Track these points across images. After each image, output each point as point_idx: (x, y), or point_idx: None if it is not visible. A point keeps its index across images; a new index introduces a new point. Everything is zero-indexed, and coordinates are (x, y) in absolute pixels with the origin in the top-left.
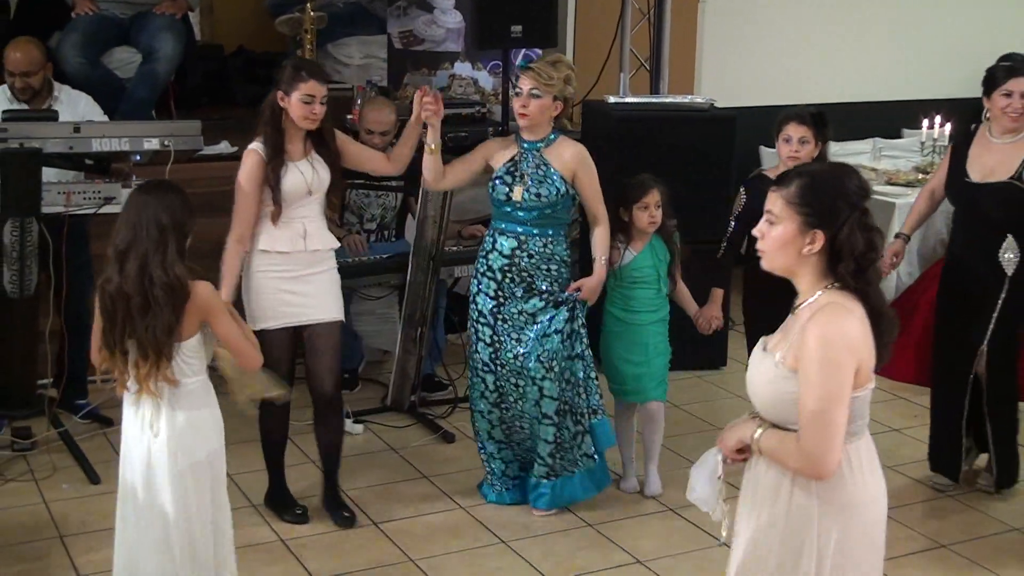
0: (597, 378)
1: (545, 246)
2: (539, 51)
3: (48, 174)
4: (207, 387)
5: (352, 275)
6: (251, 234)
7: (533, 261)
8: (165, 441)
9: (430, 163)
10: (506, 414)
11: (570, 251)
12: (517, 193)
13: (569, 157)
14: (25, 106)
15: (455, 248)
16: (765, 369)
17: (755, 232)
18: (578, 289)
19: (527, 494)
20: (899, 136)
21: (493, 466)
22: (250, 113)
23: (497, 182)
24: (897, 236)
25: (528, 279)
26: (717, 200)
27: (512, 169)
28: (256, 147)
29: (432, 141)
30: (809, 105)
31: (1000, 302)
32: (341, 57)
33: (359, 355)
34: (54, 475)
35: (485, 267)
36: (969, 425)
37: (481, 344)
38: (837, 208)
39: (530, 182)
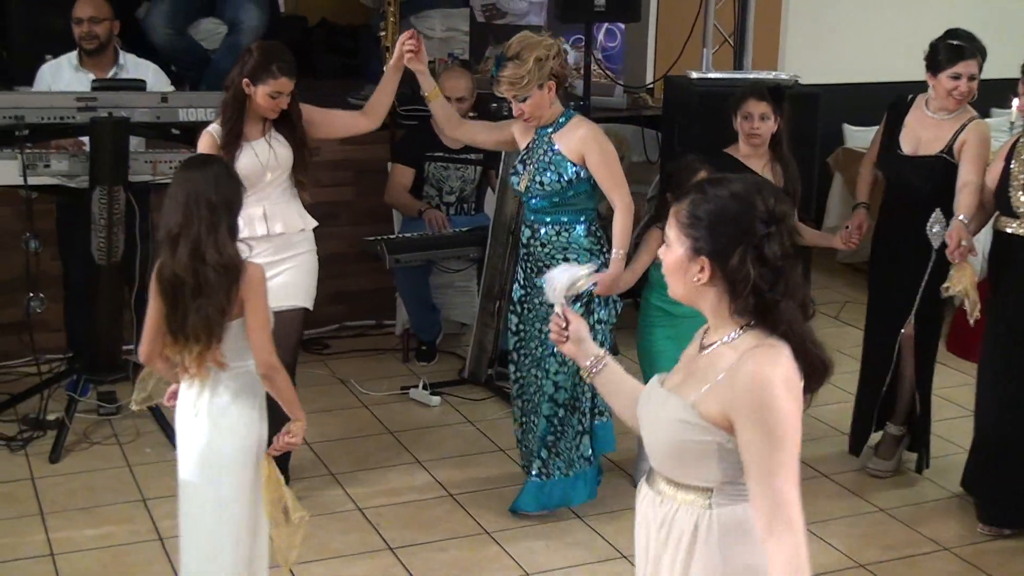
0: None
1: (559, 234)
2: (622, 26)
3: (135, 143)
4: (253, 373)
5: (431, 247)
6: None
7: (546, 250)
8: (206, 422)
9: (435, 110)
10: (527, 406)
11: (595, 238)
12: (522, 183)
13: (577, 139)
14: (89, 75)
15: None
16: (669, 413)
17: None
18: (594, 284)
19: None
20: (988, 116)
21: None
22: (332, 85)
23: (512, 172)
24: (856, 207)
25: (545, 270)
26: (801, 177)
27: (525, 157)
28: (212, 129)
29: (425, 88)
30: (894, 84)
31: (927, 274)
32: (423, 30)
33: (437, 327)
34: (138, 439)
35: (518, 256)
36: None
37: (509, 332)
38: (725, 233)
39: (536, 171)
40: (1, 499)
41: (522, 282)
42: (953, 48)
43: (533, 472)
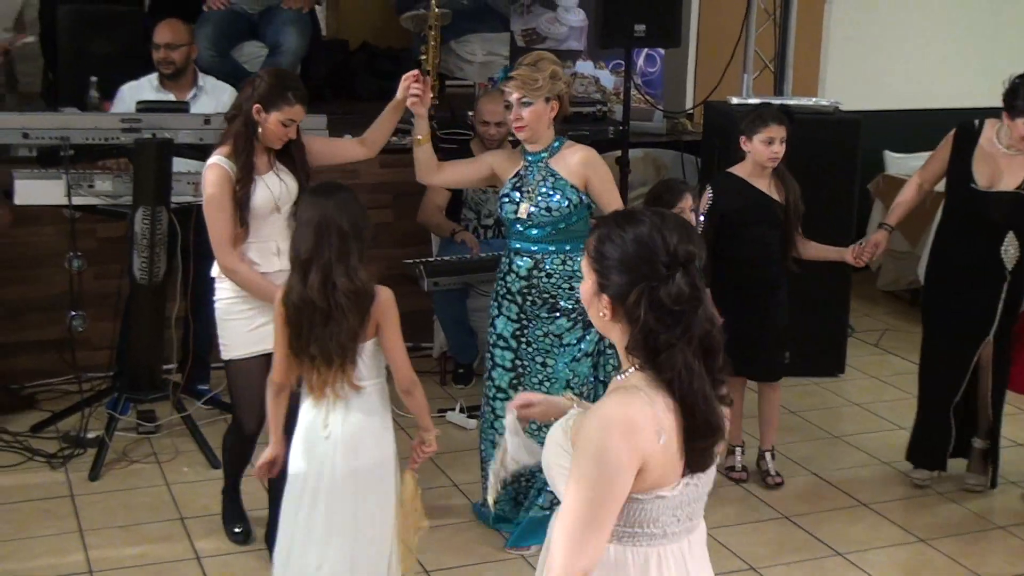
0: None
1: (564, 263)
2: (662, 51)
3: (178, 164)
4: (383, 393)
5: (469, 271)
6: (238, 252)
7: (553, 281)
8: (336, 442)
9: (419, 155)
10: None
11: None
12: (523, 210)
13: (577, 163)
14: (170, 95)
15: None
16: (553, 433)
17: None
18: None
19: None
20: None
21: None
22: (373, 107)
23: (504, 200)
24: (880, 226)
25: (551, 300)
26: (840, 204)
27: (518, 184)
28: (220, 161)
29: (419, 131)
30: (936, 110)
31: (1003, 295)
32: (464, 54)
33: (475, 350)
34: (176, 458)
35: (504, 290)
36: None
37: (499, 370)
38: (625, 274)
39: (538, 197)
40: (41, 515)
41: (515, 316)
42: None
43: (537, 508)
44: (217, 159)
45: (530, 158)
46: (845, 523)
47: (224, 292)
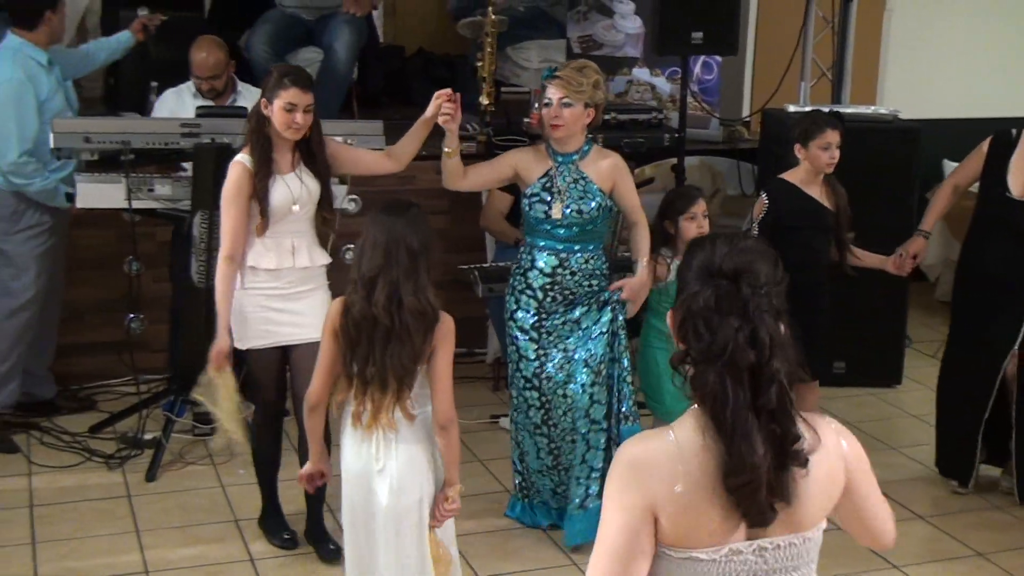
0: (632, 383)
1: (587, 262)
2: (719, 59)
3: None
4: (429, 424)
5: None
6: (242, 251)
7: (575, 278)
8: (396, 475)
9: (447, 166)
10: (554, 431)
11: (608, 264)
12: (556, 210)
13: (606, 168)
14: (208, 101)
15: (626, 254)
16: None
17: None
18: (620, 288)
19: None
20: None
21: (540, 485)
22: None
23: (534, 200)
24: (917, 232)
25: (570, 296)
26: (899, 214)
27: (548, 185)
28: (242, 159)
29: (448, 145)
30: (996, 119)
31: None
32: (520, 61)
33: None
34: (231, 461)
35: (524, 285)
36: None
37: (525, 361)
38: (679, 290)
39: (568, 198)
40: (99, 515)
41: (533, 310)
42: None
43: (578, 502)
44: (238, 157)
45: (560, 159)
46: (900, 535)
47: (254, 281)
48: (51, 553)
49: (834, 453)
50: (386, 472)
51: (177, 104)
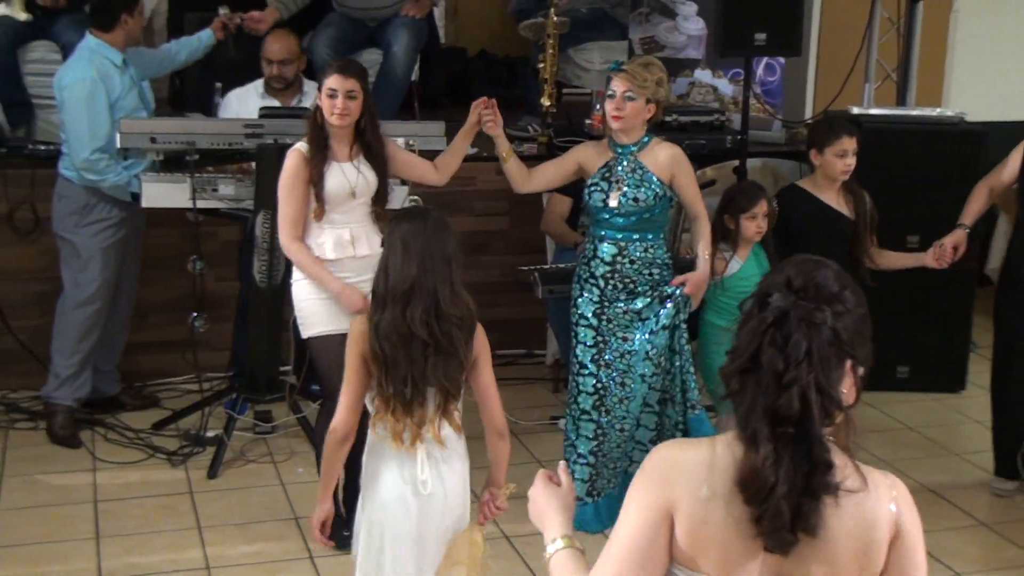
0: (695, 372)
1: (646, 251)
2: (782, 60)
3: None
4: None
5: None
6: (301, 233)
7: (635, 267)
8: (437, 498)
9: (508, 170)
10: (604, 418)
11: (670, 254)
12: (614, 199)
13: (665, 159)
14: (275, 102)
15: (688, 257)
16: None
17: None
18: (683, 283)
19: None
20: None
21: (580, 474)
22: None
23: (593, 189)
24: (958, 226)
25: (631, 285)
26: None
27: (607, 175)
28: (299, 146)
29: (502, 149)
30: None
31: None
32: (582, 62)
33: None
34: (291, 459)
35: (588, 274)
36: None
37: (581, 347)
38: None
39: (626, 187)
40: (162, 511)
41: (596, 298)
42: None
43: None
44: (296, 145)
45: (620, 150)
46: (963, 542)
47: (301, 272)
48: (114, 548)
49: (882, 508)
50: (434, 491)
51: (241, 105)
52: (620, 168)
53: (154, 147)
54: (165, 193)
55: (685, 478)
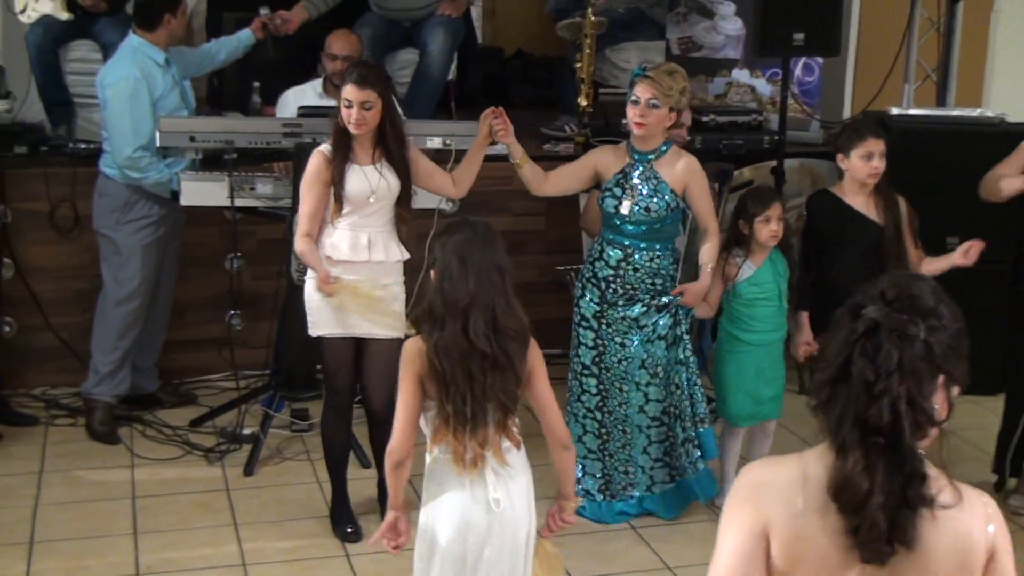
0: (701, 385)
1: (652, 260)
2: (820, 60)
3: None
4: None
5: None
6: (316, 232)
7: (638, 275)
8: (508, 513)
9: (524, 175)
10: (607, 418)
11: (676, 266)
12: (625, 207)
13: (680, 169)
14: (332, 101)
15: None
16: None
17: None
18: (680, 293)
19: (608, 514)
20: None
21: (591, 469)
22: (526, 115)
23: (607, 195)
24: None
25: (631, 292)
26: (1004, 221)
27: (622, 181)
28: (323, 148)
29: (516, 156)
30: None
31: None
32: (619, 62)
33: None
34: None
35: (591, 273)
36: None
37: (583, 348)
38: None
39: (639, 196)
40: (198, 508)
41: (596, 300)
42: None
43: (642, 490)
44: (321, 147)
45: (636, 156)
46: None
47: (331, 271)
48: (152, 544)
49: (978, 526)
50: (505, 508)
51: (297, 103)
52: (635, 175)
53: (193, 146)
54: (204, 191)
55: (777, 495)
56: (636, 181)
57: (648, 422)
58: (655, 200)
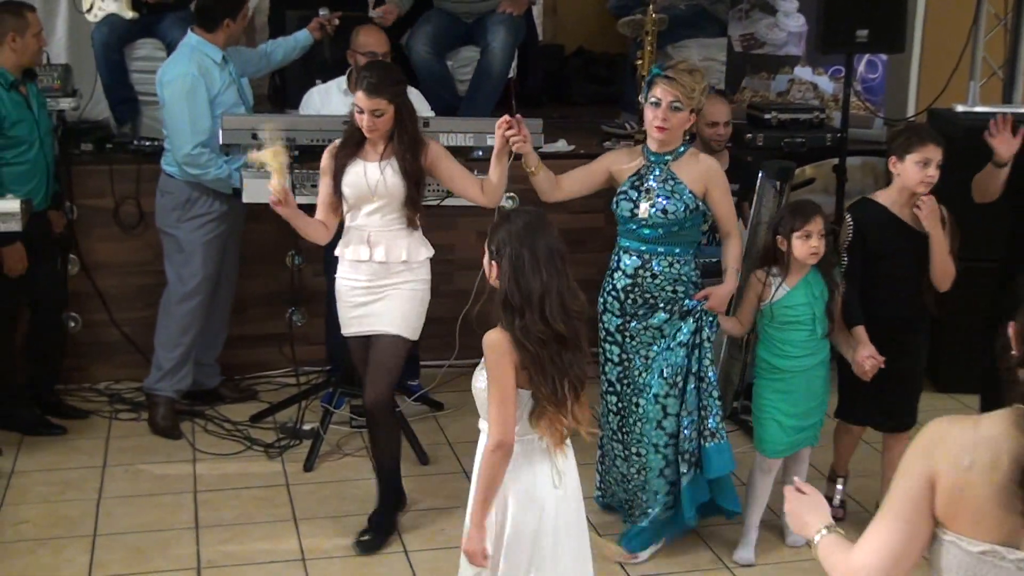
0: (721, 398)
1: (671, 265)
2: (884, 57)
3: None
4: None
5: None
6: (329, 220)
7: (657, 282)
8: (571, 489)
9: (537, 183)
10: (627, 438)
11: (699, 272)
12: (643, 209)
13: (700, 170)
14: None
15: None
16: None
17: None
18: (705, 297)
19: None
20: None
21: (618, 491)
22: (587, 112)
23: (621, 198)
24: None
25: (652, 300)
26: None
27: (637, 183)
28: (336, 142)
29: (530, 164)
30: None
31: None
32: (679, 58)
33: None
34: None
35: (610, 286)
36: None
37: (609, 364)
38: None
39: (656, 197)
40: (259, 502)
41: (618, 312)
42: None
43: (646, 520)
44: (337, 140)
45: (653, 158)
46: None
47: (341, 270)
48: (213, 537)
49: None
50: (567, 485)
51: (322, 102)
52: (652, 177)
53: (255, 143)
54: (266, 188)
55: (948, 449)
56: (652, 183)
57: (666, 440)
58: (672, 201)
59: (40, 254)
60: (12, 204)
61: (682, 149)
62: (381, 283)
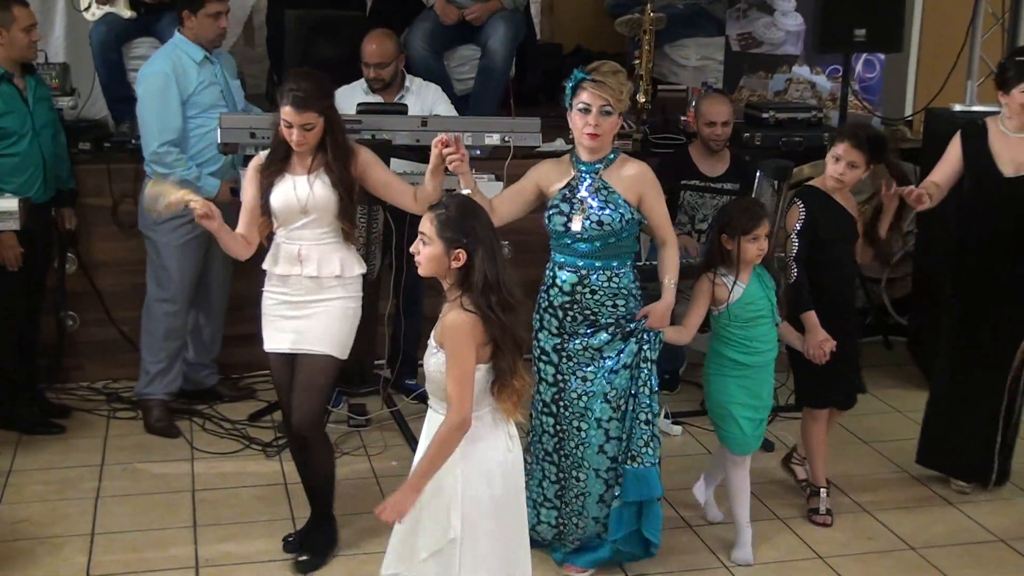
0: (653, 424)
1: (610, 280)
2: (881, 56)
3: (395, 165)
4: None
5: (682, 276)
6: (251, 235)
7: (597, 297)
8: (519, 453)
9: None
10: (564, 462)
11: (638, 281)
12: (576, 223)
13: (632, 177)
14: (378, 98)
15: (782, 255)
16: None
17: None
18: (645, 316)
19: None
20: None
21: (544, 517)
22: None
23: (553, 212)
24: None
25: (592, 317)
26: None
27: (568, 196)
28: (260, 154)
29: (467, 187)
30: None
31: None
32: (677, 58)
33: (681, 356)
34: (385, 452)
35: (546, 303)
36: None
37: (543, 384)
38: None
39: (590, 209)
40: (257, 501)
41: (555, 330)
42: (1020, 64)
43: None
44: (259, 153)
45: (583, 168)
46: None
47: (268, 284)
48: (211, 536)
49: None
50: (515, 450)
51: (346, 102)
52: (583, 188)
53: (253, 142)
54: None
55: None
56: (585, 194)
57: (608, 464)
58: (608, 212)
59: (40, 249)
60: (11, 203)
61: (612, 156)
62: (311, 298)
